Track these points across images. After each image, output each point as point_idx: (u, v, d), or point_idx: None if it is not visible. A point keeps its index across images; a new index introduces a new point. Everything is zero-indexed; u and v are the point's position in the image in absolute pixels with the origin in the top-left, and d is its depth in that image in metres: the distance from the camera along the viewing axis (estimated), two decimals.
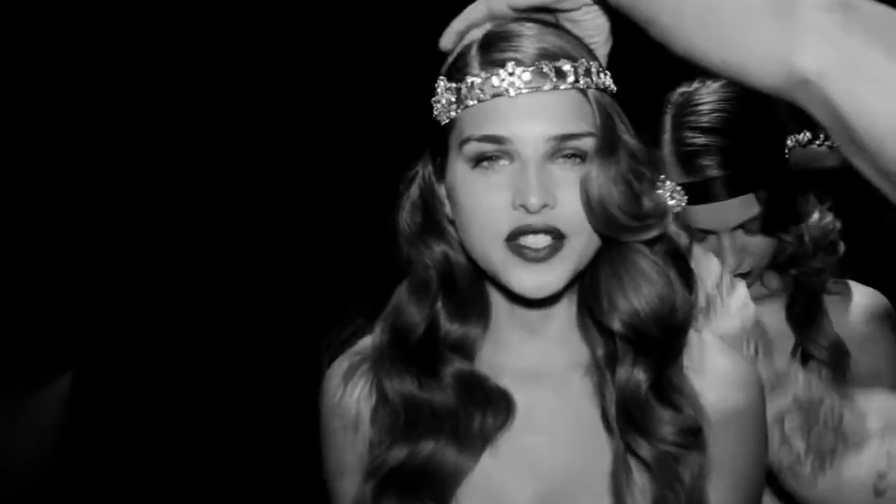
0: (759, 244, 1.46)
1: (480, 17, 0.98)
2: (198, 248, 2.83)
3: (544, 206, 0.91)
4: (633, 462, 0.98)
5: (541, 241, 0.93)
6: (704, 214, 1.42)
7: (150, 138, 2.77)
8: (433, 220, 1.02)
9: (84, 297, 2.71)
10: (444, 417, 1.01)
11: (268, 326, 2.78)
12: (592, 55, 0.96)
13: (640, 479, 0.97)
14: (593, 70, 0.94)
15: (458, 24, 1.00)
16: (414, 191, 1.04)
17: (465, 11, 1.00)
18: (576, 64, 0.93)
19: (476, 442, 1.01)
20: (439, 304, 1.03)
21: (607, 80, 0.97)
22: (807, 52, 0.67)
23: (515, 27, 0.95)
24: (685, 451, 0.97)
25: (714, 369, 1.03)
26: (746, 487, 1.05)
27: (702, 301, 1.35)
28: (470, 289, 1.02)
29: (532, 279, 0.94)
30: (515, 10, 0.98)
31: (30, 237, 2.63)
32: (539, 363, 1.05)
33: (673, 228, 1.02)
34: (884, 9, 0.68)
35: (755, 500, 1.08)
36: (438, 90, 0.99)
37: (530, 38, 0.94)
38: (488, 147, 0.94)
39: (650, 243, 0.99)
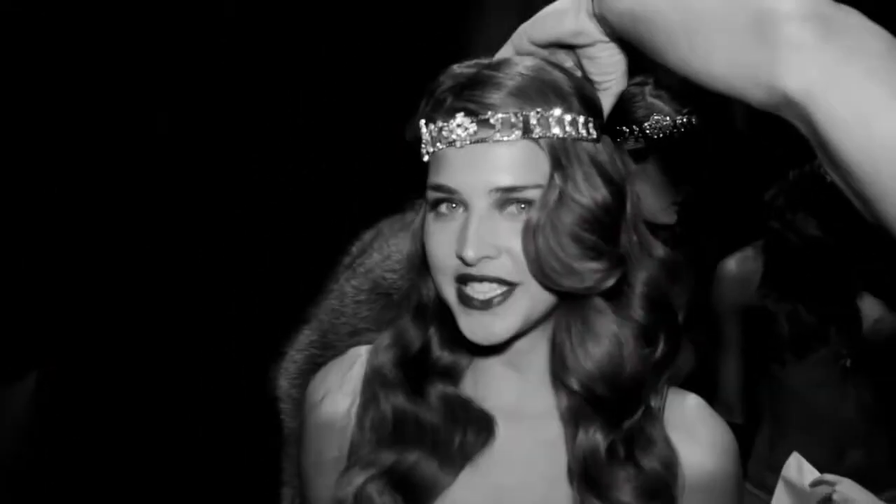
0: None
1: (508, 56, 0.99)
2: (165, 246, 2.83)
3: (483, 257, 0.91)
4: None
5: (486, 288, 0.93)
6: None
7: (116, 135, 2.77)
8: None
9: (49, 295, 2.71)
10: (428, 432, 1.03)
11: (236, 321, 2.79)
12: (568, 102, 0.93)
13: None
14: (552, 119, 0.92)
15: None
16: (416, 221, 1.05)
17: (498, 55, 1.01)
18: (529, 113, 0.91)
19: (456, 458, 1.02)
20: (433, 330, 1.06)
21: (570, 129, 0.93)
22: (789, 70, 0.68)
23: (491, 73, 0.94)
24: None
25: (697, 433, 1.03)
26: None
27: None
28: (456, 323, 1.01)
29: (479, 328, 0.94)
30: (536, 45, 0.98)
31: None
32: (518, 402, 1.05)
33: (654, 273, 1.00)
34: (857, 19, 0.69)
35: None
36: (420, 132, 0.99)
37: (498, 85, 0.92)
38: (440, 195, 0.95)
39: (613, 293, 0.97)
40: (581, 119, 0.93)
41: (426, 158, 0.98)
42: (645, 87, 1.93)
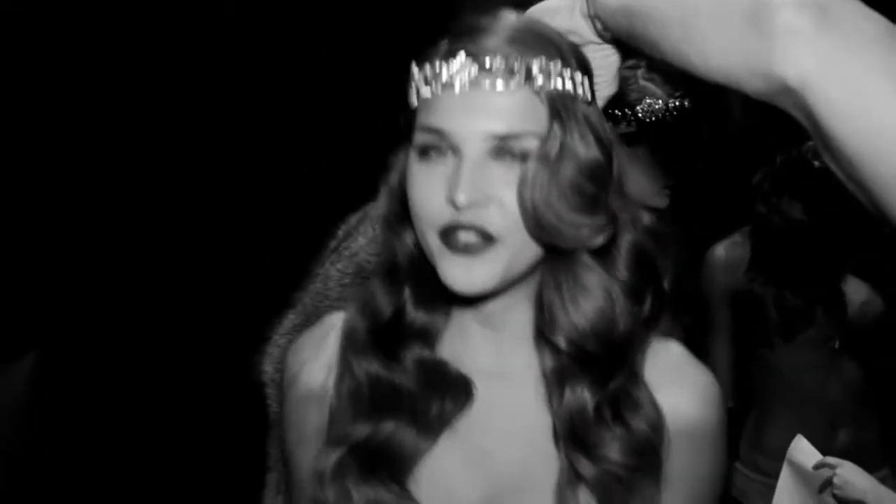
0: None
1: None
2: (163, 232, 2.82)
3: (473, 203, 0.89)
4: (578, 481, 0.96)
5: (471, 237, 0.90)
6: None
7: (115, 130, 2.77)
8: (405, 208, 0.99)
9: (47, 277, 2.70)
10: (405, 399, 1.00)
11: (230, 310, 2.76)
12: (559, 54, 0.92)
13: (585, 499, 0.95)
14: (553, 70, 0.90)
15: None
16: (393, 177, 1.02)
17: None
18: (530, 62, 0.89)
19: (434, 425, 1.00)
20: (407, 292, 1.03)
21: (568, 84, 0.92)
22: (785, 59, 0.67)
23: (489, 21, 0.93)
24: (633, 472, 0.94)
25: (680, 380, 1.01)
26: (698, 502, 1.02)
27: None
28: (436, 279, 0.97)
29: (461, 273, 0.91)
30: None
31: None
32: (498, 361, 1.03)
33: (641, 235, 0.99)
34: (853, 4, 0.68)
35: None
36: (410, 74, 0.97)
37: (496, 32, 0.91)
38: (430, 138, 0.92)
39: (600, 252, 0.95)
40: (578, 77, 0.92)
41: (415, 103, 0.95)
42: (637, 71, 1.94)
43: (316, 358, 1.08)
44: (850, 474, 1.70)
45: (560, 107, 0.91)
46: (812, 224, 2.20)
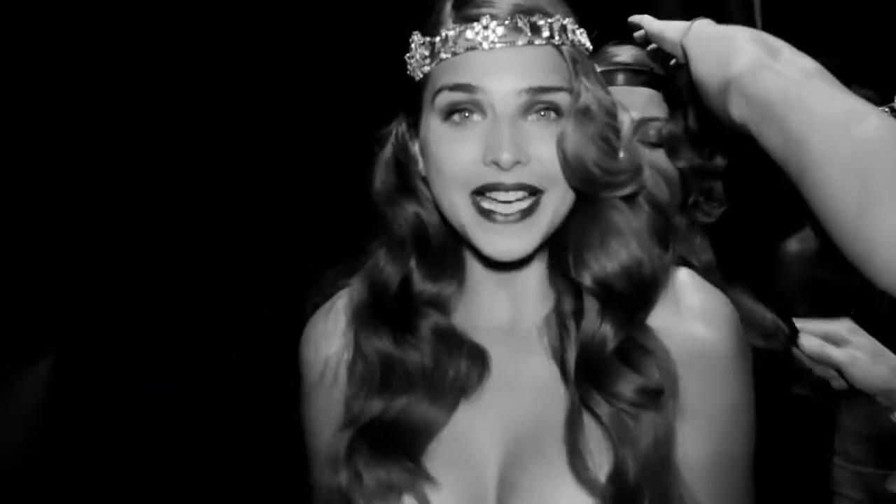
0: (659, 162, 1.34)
1: None
2: (179, 234, 2.80)
3: (516, 162, 0.92)
4: (589, 418, 0.96)
5: (512, 197, 0.94)
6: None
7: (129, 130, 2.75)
8: (406, 180, 1.03)
9: (65, 280, 2.66)
10: (418, 373, 1.02)
11: (249, 308, 2.76)
12: (569, 13, 0.99)
13: (596, 436, 0.95)
14: (569, 27, 0.97)
15: None
16: (387, 150, 1.05)
17: None
18: (551, 20, 0.95)
19: (450, 396, 1.02)
20: (413, 264, 1.05)
21: (583, 38, 1.00)
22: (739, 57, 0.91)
23: None
24: (643, 410, 0.94)
25: (685, 305, 1.00)
26: (726, 439, 0.99)
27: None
28: (443, 249, 1.03)
29: (502, 243, 0.95)
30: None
31: (10, 221, 2.57)
32: (511, 319, 1.05)
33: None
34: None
35: (740, 455, 1.01)
36: (412, 45, 1.01)
37: None
38: (460, 97, 0.94)
39: (627, 198, 0.99)
40: (582, 30, 1.00)
41: (426, 70, 0.98)
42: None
43: (327, 338, 1.10)
44: None
45: (579, 61, 0.97)
46: None
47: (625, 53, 1.42)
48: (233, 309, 2.78)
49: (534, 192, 0.94)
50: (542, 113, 0.94)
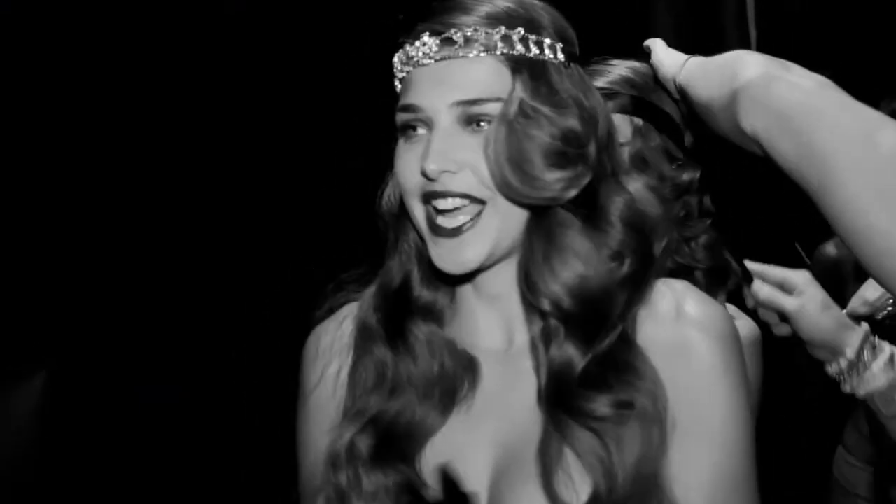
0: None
1: None
2: (179, 235, 2.81)
3: (444, 171, 0.94)
4: (563, 442, 0.95)
5: (449, 204, 0.95)
6: None
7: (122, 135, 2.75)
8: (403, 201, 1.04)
9: (59, 292, 2.67)
10: (414, 381, 1.03)
11: (249, 309, 2.77)
12: (536, 26, 0.97)
13: (574, 459, 0.94)
14: (516, 38, 0.96)
15: None
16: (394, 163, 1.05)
17: None
18: (496, 32, 0.95)
19: (443, 405, 1.03)
20: (413, 267, 1.07)
21: (543, 51, 0.97)
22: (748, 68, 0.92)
23: (468, 2, 0.98)
24: (625, 427, 0.92)
25: (676, 318, 0.98)
26: (723, 453, 0.95)
27: (843, 366, 1.30)
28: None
29: (449, 255, 0.96)
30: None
31: (5, 233, 2.58)
32: (505, 340, 1.05)
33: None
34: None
35: (740, 473, 0.97)
36: (395, 60, 1.03)
37: (468, 9, 0.96)
38: (407, 116, 0.97)
39: (590, 215, 0.98)
40: (547, 41, 0.97)
41: (398, 87, 1.01)
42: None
43: (331, 347, 1.11)
44: None
45: (525, 70, 0.95)
46: None
47: (605, 76, 1.37)
48: (233, 309, 2.79)
49: (476, 201, 0.95)
50: (480, 124, 0.95)
